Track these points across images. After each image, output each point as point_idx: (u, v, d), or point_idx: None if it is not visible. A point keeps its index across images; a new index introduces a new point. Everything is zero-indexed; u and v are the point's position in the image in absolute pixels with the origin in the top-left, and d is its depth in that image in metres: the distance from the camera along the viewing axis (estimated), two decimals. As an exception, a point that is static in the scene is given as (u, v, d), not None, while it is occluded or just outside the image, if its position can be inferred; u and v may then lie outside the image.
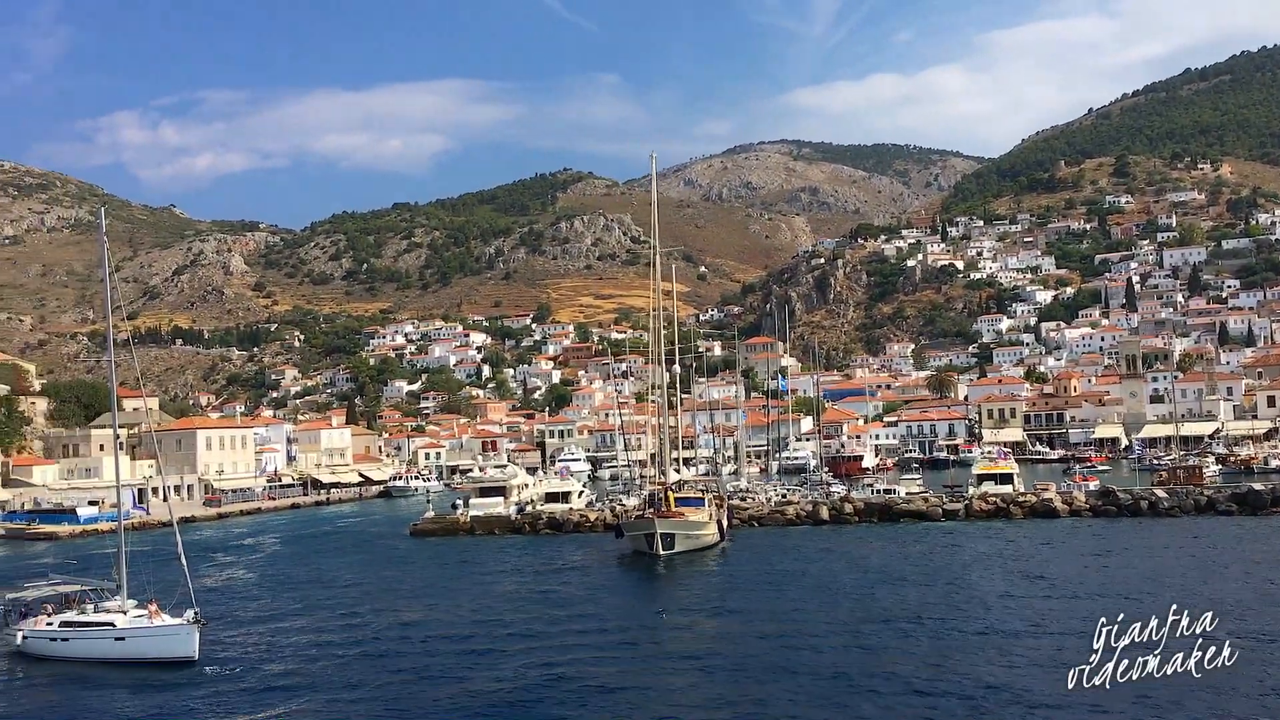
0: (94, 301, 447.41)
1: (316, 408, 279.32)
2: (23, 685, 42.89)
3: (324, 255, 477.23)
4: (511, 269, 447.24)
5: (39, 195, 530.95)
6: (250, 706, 36.85)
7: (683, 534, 66.90)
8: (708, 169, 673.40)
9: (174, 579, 58.70)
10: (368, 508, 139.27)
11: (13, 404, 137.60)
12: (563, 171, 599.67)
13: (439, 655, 43.34)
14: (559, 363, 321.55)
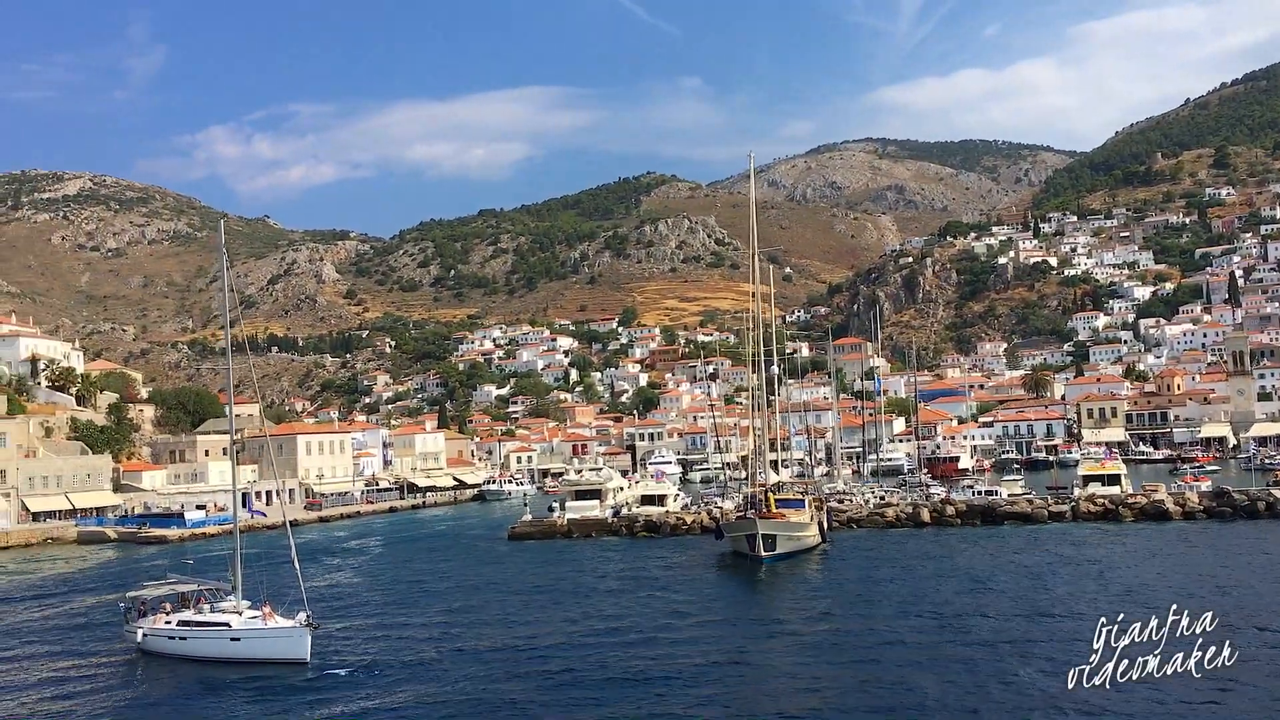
0: (192, 311, 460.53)
1: (408, 413, 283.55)
2: (143, 681, 44.14)
3: (412, 262, 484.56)
4: (596, 273, 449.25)
5: (140, 209, 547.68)
6: (361, 709, 37.33)
7: (784, 535, 66.37)
8: (791, 169, 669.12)
9: (285, 581, 60.03)
10: (463, 511, 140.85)
11: (122, 411, 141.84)
12: (646, 175, 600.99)
13: (547, 656, 43.53)
14: (645, 366, 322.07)
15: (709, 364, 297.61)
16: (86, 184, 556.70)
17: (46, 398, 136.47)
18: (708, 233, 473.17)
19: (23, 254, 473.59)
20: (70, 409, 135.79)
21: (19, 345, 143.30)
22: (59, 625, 57.93)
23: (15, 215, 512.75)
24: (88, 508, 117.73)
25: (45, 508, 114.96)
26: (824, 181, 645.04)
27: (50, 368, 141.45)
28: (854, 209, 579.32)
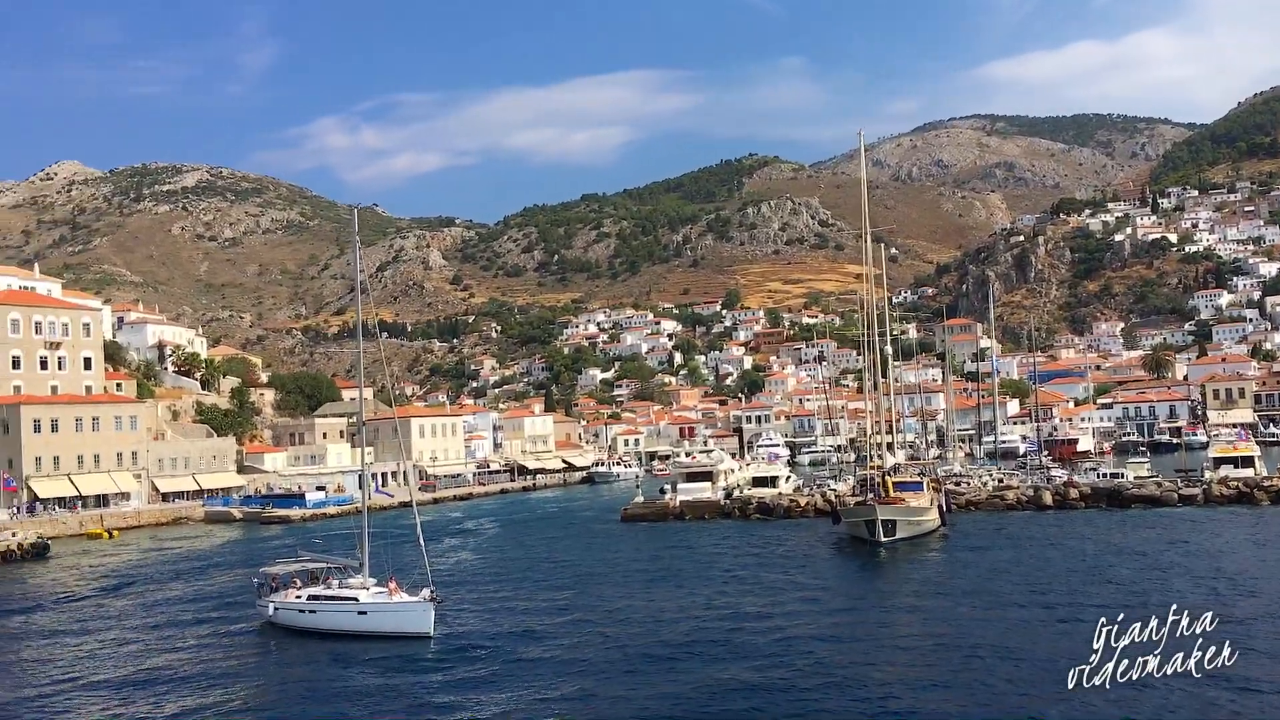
0: (305, 298, 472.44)
1: (514, 396, 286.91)
2: (275, 652, 45.71)
3: (517, 248, 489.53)
4: (699, 256, 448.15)
5: (254, 199, 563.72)
6: (483, 682, 37.91)
7: (904, 520, 65.23)
8: (896, 148, 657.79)
9: (407, 559, 61.26)
10: (572, 493, 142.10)
11: (244, 395, 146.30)
12: (748, 157, 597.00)
13: (667, 634, 43.56)
14: (750, 348, 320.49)
15: (814, 346, 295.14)
16: (204, 176, 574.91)
17: (173, 382, 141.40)
18: (811, 214, 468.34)
19: (145, 244, 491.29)
20: (195, 393, 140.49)
21: (147, 332, 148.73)
22: (196, 600, 60.01)
23: (138, 207, 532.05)
24: (213, 488, 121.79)
25: (174, 488, 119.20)
26: (930, 160, 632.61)
27: (176, 353, 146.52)
28: (961, 187, 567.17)
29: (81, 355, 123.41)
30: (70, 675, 41.86)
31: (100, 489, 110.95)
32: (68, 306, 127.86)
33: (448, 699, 35.82)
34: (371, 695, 36.72)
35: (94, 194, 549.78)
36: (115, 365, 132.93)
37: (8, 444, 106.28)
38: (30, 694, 39.02)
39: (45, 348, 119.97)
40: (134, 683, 40.18)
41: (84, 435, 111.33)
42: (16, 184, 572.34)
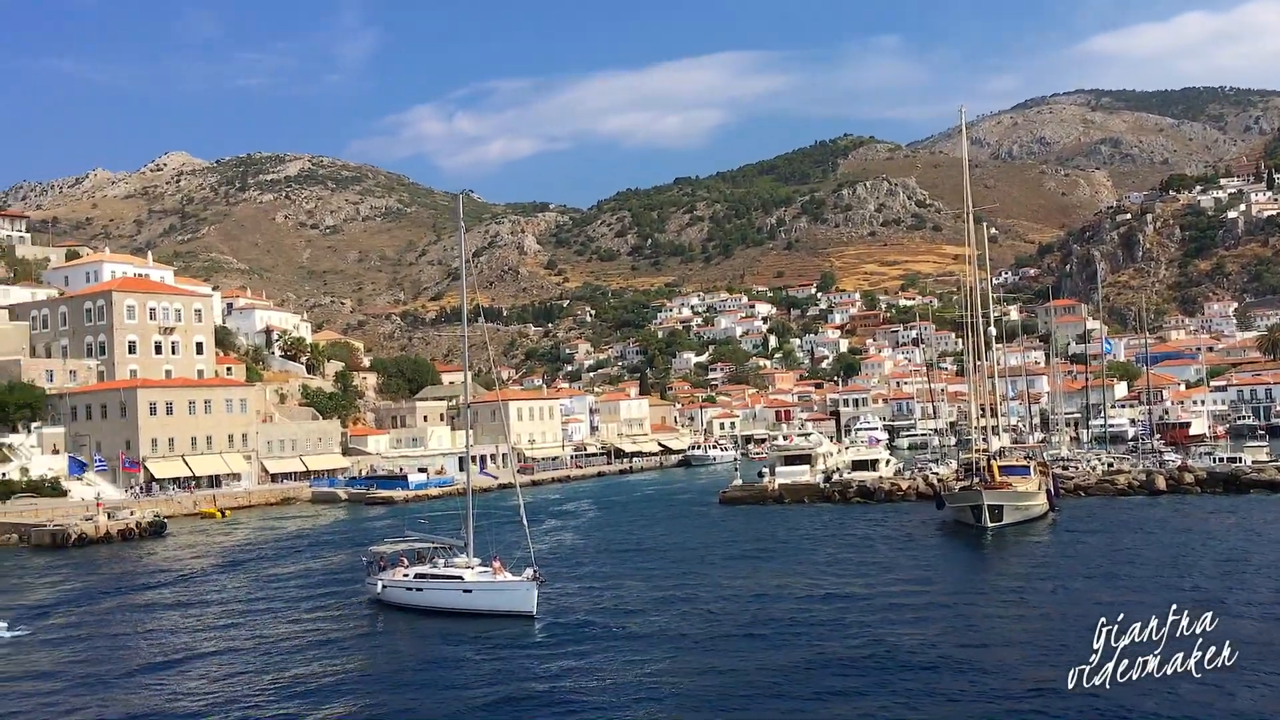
0: (403, 284, 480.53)
1: (608, 380, 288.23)
2: (383, 628, 46.93)
3: (610, 232, 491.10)
4: (793, 238, 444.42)
5: (354, 187, 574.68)
6: (586, 661, 38.19)
7: (1011, 505, 63.87)
8: (996, 126, 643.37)
9: (509, 539, 62.06)
10: (668, 476, 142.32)
11: (348, 379, 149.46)
12: (843, 138, 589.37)
13: (770, 616, 43.39)
14: (845, 331, 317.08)
15: (912, 329, 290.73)
16: (306, 165, 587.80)
17: (280, 366, 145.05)
18: (908, 194, 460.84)
19: (250, 232, 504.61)
20: (301, 377, 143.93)
21: (255, 317, 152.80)
22: (307, 578, 61.57)
23: (243, 196, 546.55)
24: (319, 470, 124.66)
25: (282, 469, 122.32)
26: (1031, 137, 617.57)
27: (283, 338, 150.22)
28: (1065, 165, 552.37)
29: (194, 340, 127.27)
30: (189, 646, 43.32)
31: (212, 470, 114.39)
32: (181, 293, 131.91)
33: (552, 677, 36.15)
34: (478, 673, 37.25)
35: (201, 184, 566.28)
36: (225, 350, 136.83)
37: (125, 426, 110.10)
38: (154, 663, 40.45)
39: (160, 333, 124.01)
40: (250, 655, 41.39)
41: (197, 418, 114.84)
42: (129, 175, 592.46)
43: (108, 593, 57.82)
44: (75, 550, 79.64)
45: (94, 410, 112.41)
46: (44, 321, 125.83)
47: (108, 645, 43.87)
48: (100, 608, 53.01)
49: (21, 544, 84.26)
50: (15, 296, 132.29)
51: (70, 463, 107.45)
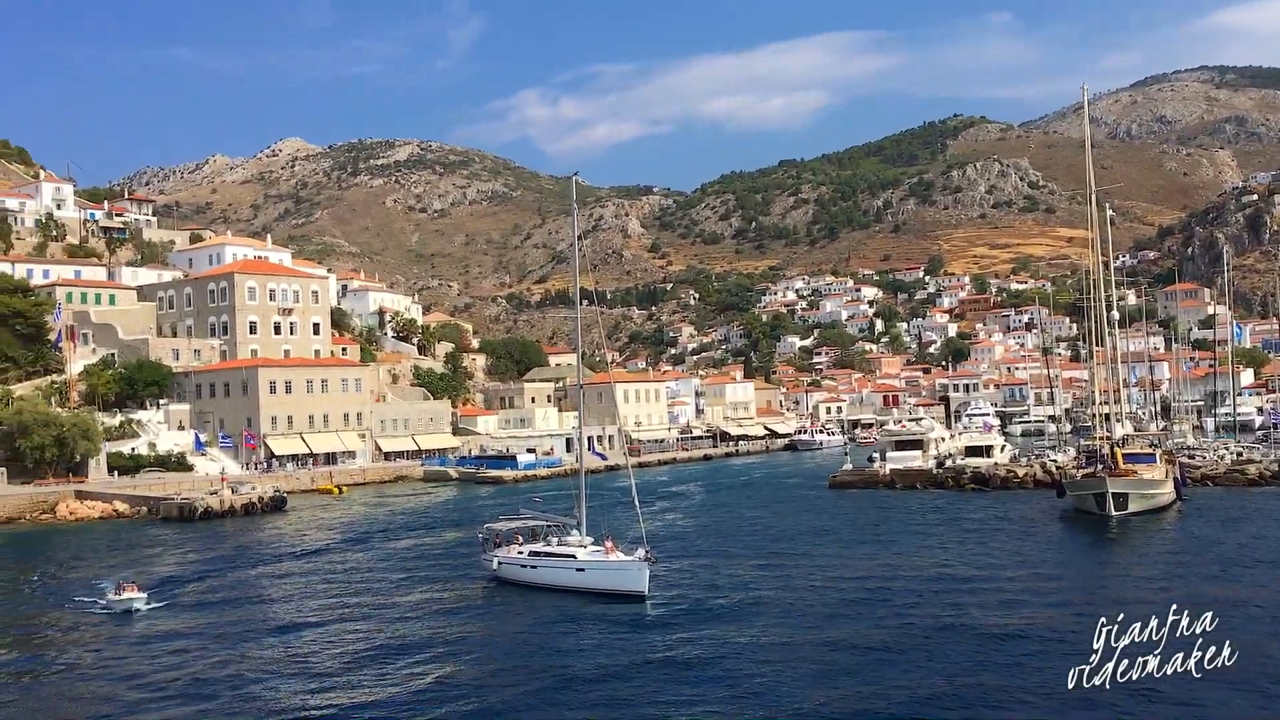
0: (509, 267, 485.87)
1: (712, 363, 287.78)
2: (499, 604, 47.80)
3: (714, 215, 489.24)
4: (900, 221, 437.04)
5: (461, 171, 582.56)
6: (695, 641, 38.22)
7: (1136, 493, 62.01)
8: (1113, 105, 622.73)
9: (620, 519, 62.56)
10: (775, 460, 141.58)
11: (458, 360, 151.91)
12: (953, 118, 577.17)
13: (886, 601, 42.93)
14: (954, 315, 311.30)
15: (1023, 313, 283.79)
16: (415, 150, 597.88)
17: (392, 347, 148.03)
18: (1020, 176, 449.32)
19: (361, 216, 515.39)
20: (413, 357, 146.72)
21: (369, 299, 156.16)
22: (425, 553, 62.89)
23: (354, 181, 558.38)
24: (430, 449, 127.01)
25: (394, 448, 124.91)
26: (1151, 116, 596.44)
27: (395, 320, 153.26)
28: (1186, 144, 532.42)
29: (311, 321, 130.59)
30: (316, 618, 44.56)
31: (329, 447, 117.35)
32: (298, 275, 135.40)
33: (663, 656, 36.38)
34: (591, 650, 37.68)
35: (314, 169, 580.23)
36: (340, 331, 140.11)
37: (247, 404, 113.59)
38: (284, 636, 41.66)
39: (279, 314, 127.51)
40: (374, 626, 42.45)
41: (314, 396, 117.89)
42: (245, 161, 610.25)
43: (237, 565, 59.82)
44: (201, 523, 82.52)
45: (217, 388, 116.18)
46: (170, 302, 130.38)
47: (239, 616, 45.34)
48: (231, 579, 54.89)
49: (151, 516, 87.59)
50: (143, 278, 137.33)
51: (195, 439, 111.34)
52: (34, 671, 37.28)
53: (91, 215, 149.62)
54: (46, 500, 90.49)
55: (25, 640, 42.29)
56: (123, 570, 59.51)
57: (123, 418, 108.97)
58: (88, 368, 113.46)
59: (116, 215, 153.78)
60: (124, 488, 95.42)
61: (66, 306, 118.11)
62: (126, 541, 73.22)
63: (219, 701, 32.29)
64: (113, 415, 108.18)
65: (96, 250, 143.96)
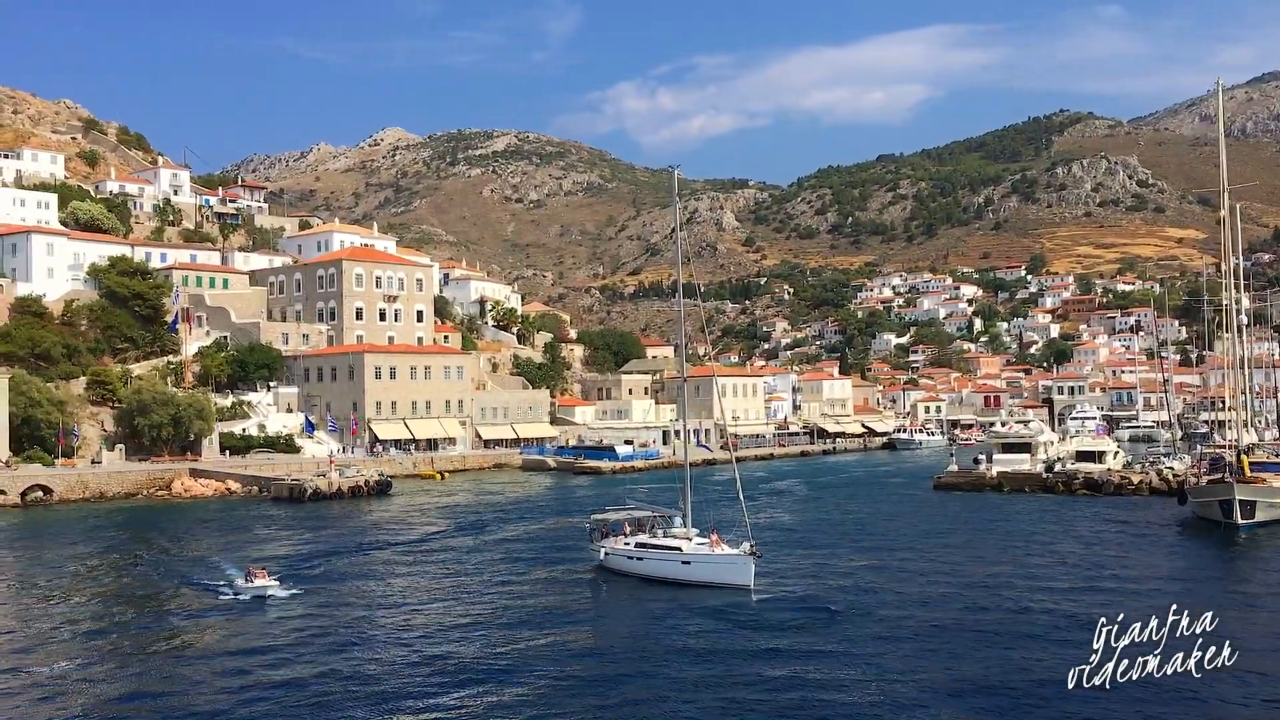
0: (603, 258, 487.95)
1: (806, 359, 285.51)
2: (606, 594, 48.18)
3: (810, 210, 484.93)
4: (1002, 218, 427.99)
5: (557, 162, 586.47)
6: (800, 637, 38.07)
7: (1265, 502, 59.77)
8: (1229, 101, 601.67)
9: (722, 513, 62.39)
10: (872, 459, 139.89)
11: (556, 350, 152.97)
12: (1059, 113, 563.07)
13: (997, 605, 42.05)
14: (1057, 316, 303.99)
15: (1130, 315, 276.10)
16: (512, 140, 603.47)
17: (492, 336, 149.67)
18: (1128, 173, 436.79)
19: (459, 206, 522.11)
20: (512, 346, 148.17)
21: (470, 288, 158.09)
22: (531, 541, 63.47)
23: (453, 171, 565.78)
24: (529, 438, 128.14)
25: (494, 436, 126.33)
26: (1269, 114, 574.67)
27: (496, 309, 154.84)
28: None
29: (415, 308, 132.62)
30: (436, 607, 45.14)
31: (430, 434, 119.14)
32: (403, 262, 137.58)
33: (768, 651, 36.32)
34: (695, 644, 37.70)
35: (414, 159, 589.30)
36: (442, 318, 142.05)
37: (353, 389, 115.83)
38: (409, 626, 42.26)
39: (384, 300, 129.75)
40: (485, 612, 42.93)
41: (417, 383, 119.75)
42: (348, 150, 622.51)
43: (355, 549, 60.69)
44: (310, 504, 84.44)
45: (325, 372, 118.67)
46: (280, 287, 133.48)
47: (364, 603, 45.69)
48: (350, 564, 55.62)
49: (261, 495, 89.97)
50: (254, 263, 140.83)
51: (306, 421, 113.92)
52: (186, 664, 36.10)
53: (206, 201, 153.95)
54: (163, 477, 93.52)
55: (164, 628, 41.31)
56: (239, 547, 61.18)
57: (234, 399, 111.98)
58: (202, 349, 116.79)
59: (230, 201, 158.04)
60: (236, 467, 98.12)
61: (182, 289, 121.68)
62: (241, 520, 75.20)
63: (359, 692, 32.65)
64: (225, 396, 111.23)
65: (210, 235, 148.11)
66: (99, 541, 65.10)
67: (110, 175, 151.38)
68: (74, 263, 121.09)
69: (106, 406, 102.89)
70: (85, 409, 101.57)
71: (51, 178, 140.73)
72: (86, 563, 56.77)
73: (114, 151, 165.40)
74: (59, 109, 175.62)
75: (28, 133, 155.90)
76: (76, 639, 39.33)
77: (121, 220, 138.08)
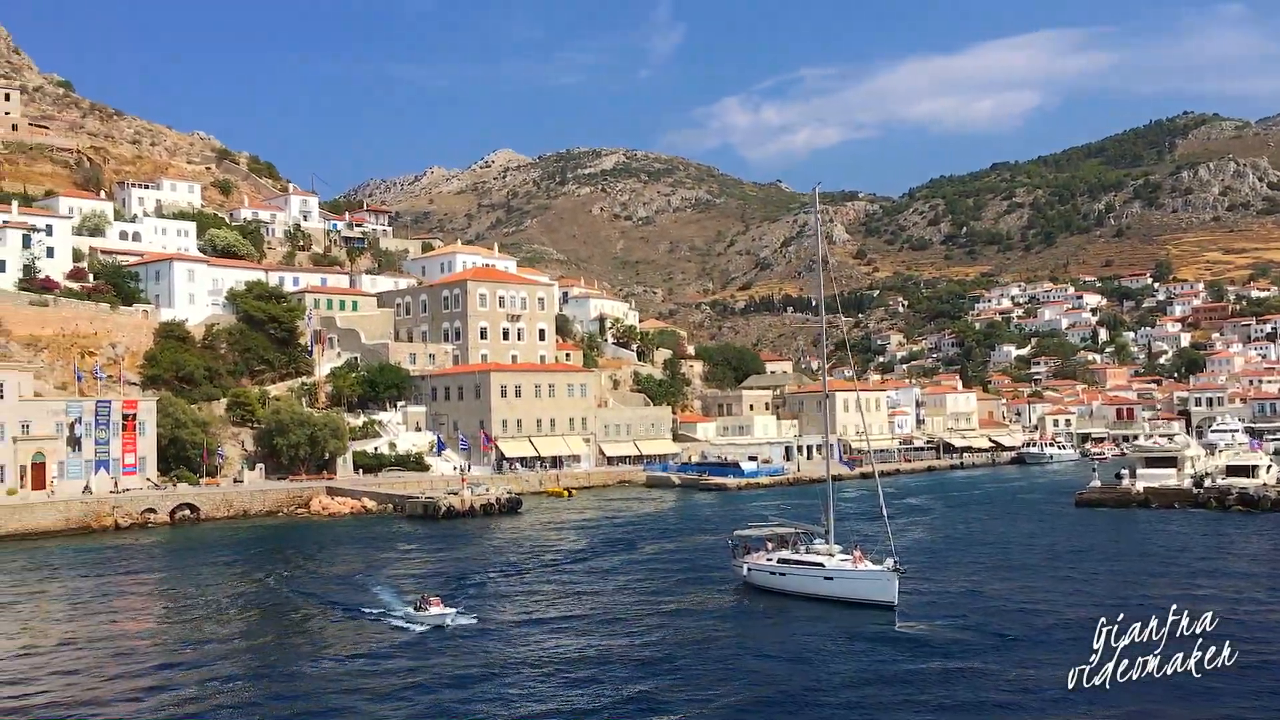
0: (712, 274, 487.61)
1: (923, 372, 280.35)
2: (749, 609, 48.11)
3: (922, 220, 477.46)
4: (1124, 225, 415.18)
5: (665, 179, 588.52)
6: (947, 658, 37.17)
7: None
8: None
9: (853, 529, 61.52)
10: (1002, 474, 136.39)
11: (676, 366, 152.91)
12: (1182, 115, 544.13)
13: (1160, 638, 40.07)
14: (1187, 324, 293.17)
15: (1265, 322, 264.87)
16: (620, 159, 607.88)
17: (612, 353, 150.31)
18: (1258, 176, 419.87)
19: (569, 224, 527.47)
20: (632, 363, 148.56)
21: (589, 306, 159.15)
22: (672, 558, 63.39)
23: (562, 190, 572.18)
24: (651, 454, 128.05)
25: (617, 453, 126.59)
26: None
27: (615, 326, 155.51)
28: None
29: (537, 327, 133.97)
30: (594, 625, 45.19)
31: (555, 451, 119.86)
32: (525, 282, 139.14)
33: (915, 672, 35.75)
34: (839, 662, 37.60)
35: (525, 179, 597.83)
36: (563, 336, 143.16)
37: (479, 407, 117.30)
38: (551, 632, 42.37)
39: (507, 320, 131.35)
40: (641, 630, 42.84)
41: (542, 401, 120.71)
42: (460, 172, 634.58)
43: (509, 568, 60.37)
44: (444, 522, 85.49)
45: (451, 391, 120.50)
46: (406, 308, 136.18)
47: (544, 626, 44.67)
48: (512, 584, 55.40)
49: (395, 513, 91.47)
50: (380, 285, 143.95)
51: (437, 440, 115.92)
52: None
53: (334, 226, 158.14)
54: (301, 495, 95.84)
55: (351, 667, 38.13)
56: (385, 565, 62.17)
57: (365, 418, 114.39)
58: (334, 370, 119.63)
59: (356, 225, 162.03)
60: (369, 485, 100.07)
61: (314, 312, 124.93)
62: (381, 537, 76.46)
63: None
64: (356, 416, 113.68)
65: (338, 259, 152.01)
66: (250, 562, 66.06)
67: (243, 203, 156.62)
68: (213, 288, 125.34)
69: (246, 427, 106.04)
70: (227, 429, 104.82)
71: (189, 206, 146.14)
72: (244, 583, 57.64)
73: (245, 180, 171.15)
74: (193, 140, 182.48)
75: (165, 164, 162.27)
76: (259, 675, 37.91)
77: (255, 246, 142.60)
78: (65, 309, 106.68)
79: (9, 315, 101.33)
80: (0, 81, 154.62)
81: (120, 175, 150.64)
